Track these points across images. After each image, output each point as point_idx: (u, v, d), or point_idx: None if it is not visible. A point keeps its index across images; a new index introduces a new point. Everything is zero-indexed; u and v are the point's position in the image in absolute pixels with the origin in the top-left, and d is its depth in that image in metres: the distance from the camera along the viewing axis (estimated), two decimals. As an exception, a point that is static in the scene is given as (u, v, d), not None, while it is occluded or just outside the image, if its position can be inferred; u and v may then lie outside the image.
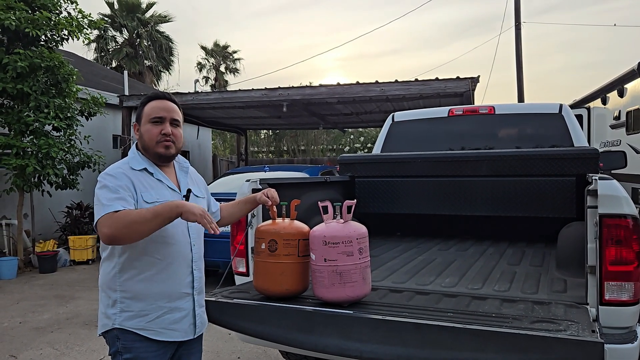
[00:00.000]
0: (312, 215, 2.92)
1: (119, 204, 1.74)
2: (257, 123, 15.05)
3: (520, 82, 14.24)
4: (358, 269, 2.10)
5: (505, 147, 4.34)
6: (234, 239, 2.91)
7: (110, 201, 1.74)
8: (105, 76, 15.27)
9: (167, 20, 24.65)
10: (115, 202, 1.74)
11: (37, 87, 7.65)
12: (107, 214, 1.71)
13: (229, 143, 26.62)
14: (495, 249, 3.54)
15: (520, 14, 14.28)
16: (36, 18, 7.51)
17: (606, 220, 2.04)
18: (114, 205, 1.73)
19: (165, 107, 1.96)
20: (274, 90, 9.58)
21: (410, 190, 4.02)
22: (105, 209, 1.72)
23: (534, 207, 3.59)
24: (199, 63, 29.77)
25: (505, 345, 1.74)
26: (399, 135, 4.91)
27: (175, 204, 1.76)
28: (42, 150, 7.54)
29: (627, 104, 8.71)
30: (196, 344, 2.05)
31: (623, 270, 2.04)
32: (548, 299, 2.29)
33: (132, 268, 1.84)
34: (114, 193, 1.77)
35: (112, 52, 23.94)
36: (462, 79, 8.51)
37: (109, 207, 1.73)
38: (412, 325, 1.88)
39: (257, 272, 2.27)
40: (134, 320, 1.84)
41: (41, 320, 5.38)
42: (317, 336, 2.05)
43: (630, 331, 2.07)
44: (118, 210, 1.72)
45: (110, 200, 1.74)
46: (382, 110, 11.00)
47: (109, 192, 1.77)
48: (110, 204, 1.73)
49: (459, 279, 2.73)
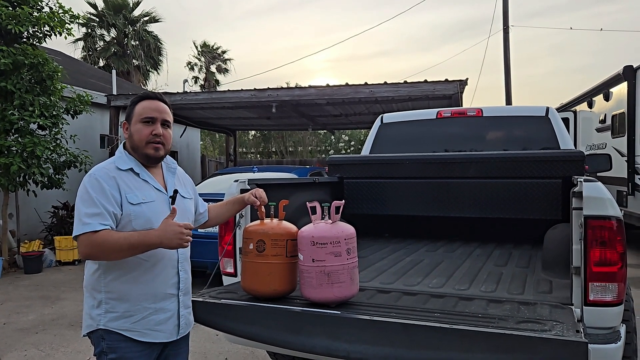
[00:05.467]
0: (301, 216, 2.92)
1: (97, 222, 1.74)
2: (246, 124, 15.02)
3: (508, 85, 14.38)
4: (346, 270, 2.11)
5: (493, 149, 4.38)
6: (222, 239, 2.90)
7: (90, 218, 1.75)
8: (93, 75, 15.13)
9: (155, 20, 24.51)
10: (94, 220, 1.74)
11: (21, 85, 7.55)
12: (85, 233, 1.73)
13: (217, 144, 26.51)
14: (483, 250, 3.57)
15: (508, 17, 14.42)
16: (18, 14, 7.41)
17: (591, 222, 2.07)
18: (92, 224, 1.74)
19: (157, 107, 1.95)
20: (263, 91, 9.56)
21: (399, 191, 4.03)
22: (85, 228, 1.74)
23: (521, 208, 3.62)
24: (189, 63, 29.68)
25: (492, 345, 1.75)
26: (387, 136, 4.94)
27: (152, 240, 1.76)
28: (27, 149, 7.44)
29: (612, 107, 8.83)
30: (183, 344, 2.04)
31: (607, 271, 2.06)
32: (534, 299, 2.31)
33: (117, 269, 1.83)
34: (93, 207, 1.76)
35: (99, 51, 23.72)
36: (450, 82, 8.57)
37: (88, 225, 1.74)
38: (399, 325, 1.88)
39: (245, 272, 2.27)
40: (119, 321, 1.83)
41: (26, 321, 5.31)
42: (305, 336, 2.05)
43: (614, 331, 2.10)
44: (97, 231, 1.73)
45: (90, 217, 1.75)
46: (371, 111, 11.04)
47: (89, 205, 1.77)
48: (89, 221, 1.74)
49: (446, 279, 2.74)
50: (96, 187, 1.80)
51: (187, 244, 1.80)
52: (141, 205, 1.84)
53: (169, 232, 1.75)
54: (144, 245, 1.76)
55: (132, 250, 1.76)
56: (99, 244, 1.73)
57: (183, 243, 1.78)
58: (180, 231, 1.75)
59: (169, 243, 1.76)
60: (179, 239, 1.75)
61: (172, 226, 1.76)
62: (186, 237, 1.77)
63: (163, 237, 1.75)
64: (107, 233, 1.74)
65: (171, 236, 1.74)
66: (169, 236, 1.75)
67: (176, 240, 1.75)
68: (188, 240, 1.79)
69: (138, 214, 1.83)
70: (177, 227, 1.76)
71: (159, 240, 1.75)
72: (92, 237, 1.73)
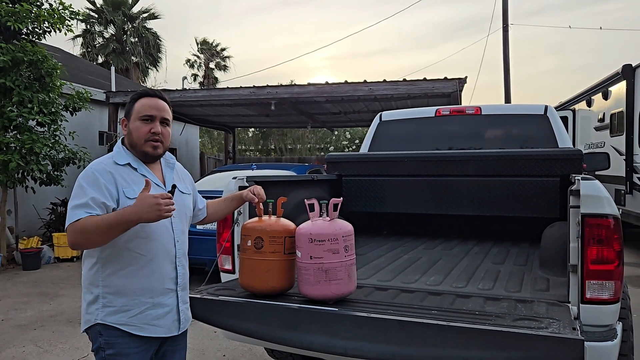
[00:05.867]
0: (299, 214, 2.92)
1: (82, 211, 1.74)
2: (245, 121, 15.00)
3: (507, 83, 14.38)
4: (344, 267, 2.11)
5: (491, 147, 4.38)
6: (220, 236, 2.90)
7: (76, 209, 1.75)
8: (91, 72, 15.10)
9: (154, 16, 24.46)
10: (79, 211, 1.74)
11: (20, 82, 7.54)
12: (70, 223, 1.74)
13: (216, 141, 26.50)
14: (480, 248, 3.58)
15: (507, 16, 14.42)
16: (17, 10, 7.39)
17: (588, 220, 2.07)
18: (77, 214, 1.73)
19: (157, 105, 1.94)
20: (262, 89, 9.55)
21: (397, 189, 4.04)
22: (70, 218, 1.74)
23: (519, 207, 3.63)
24: (188, 60, 29.64)
25: (489, 342, 1.76)
26: (386, 134, 4.94)
27: (129, 217, 1.69)
28: (25, 145, 7.44)
29: (611, 106, 8.84)
30: (181, 340, 2.05)
31: (604, 269, 2.07)
32: (531, 297, 2.32)
33: (114, 263, 1.83)
34: (82, 198, 1.76)
35: (98, 48, 23.67)
36: (449, 80, 8.56)
37: (73, 216, 1.74)
38: (396, 322, 1.89)
39: (243, 269, 2.27)
40: (116, 316, 1.83)
41: (24, 317, 5.31)
42: (303, 333, 2.05)
43: (611, 329, 2.11)
44: (81, 219, 1.72)
45: (76, 208, 1.75)
46: (370, 109, 11.03)
47: (78, 197, 1.77)
48: (74, 212, 1.74)
49: (444, 277, 2.75)
50: (90, 179, 1.80)
51: (168, 213, 1.70)
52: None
53: (144, 206, 1.67)
54: (122, 222, 1.70)
55: (111, 230, 1.70)
56: (80, 230, 1.71)
57: (163, 214, 1.69)
58: (157, 202, 1.67)
59: (148, 216, 1.68)
60: (156, 210, 1.67)
61: (147, 199, 1.68)
62: (164, 207, 1.68)
63: (139, 211, 1.68)
64: (87, 218, 1.72)
65: (147, 209, 1.67)
66: (145, 209, 1.67)
67: (154, 213, 1.67)
68: (168, 210, 1.70)
69: None
70: (152, 199, 1.67)
71: (136, 216, 1.68)
72: (74, 225, 1.72)
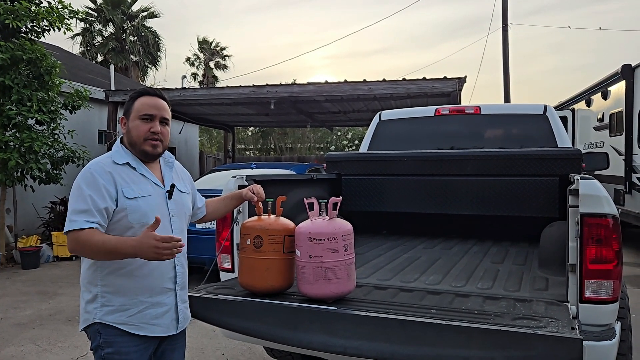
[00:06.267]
0: (299, 213, 2.92)
1: (83, 219, 1.74)
2: (244, 120, 14.99)
3: (507, 83, 14.39)
4: (343, 266, 2.11)
5: (491, 146, 4.38)
6: (220, 235, 2.90)
7: (77, 215, 1.75)
8: (91, 70, 15.09)
9: (154, 15, 24.44)
10: (81, 218, 1.74)
11: (19, 80, 7.53)
12: (72, 231, 1.74)
13: (216, 140, 26.48)
14: (480, 247, 3.58)
15: (507, 15, 14.43)
16: (16, 8, 7.38)
17: (587, 220, 2.07)
18: (78, 222, 1.74)
19: (156, 104, 1.94)
20: (261, 88, 9.54)
21: (396, 188, 4.04)
22: (71, 225, 1.75)
23: (518, 206, 3.63)
24: (188, 59, 29.63)
25: (488, 341, 1.76)
26: (385, 133, 4.94)
27: (127, 250, 1.70)
28: (24, 144, 7.43)
29: (610, 106, 8.84)
30: (180, 339, 2.05)
31: (603, 269, 2.07)
32: (530, 296, 2.32)
33: (113, 262, 1.83)
34: (82, 203, 1.76)
35: (97, 46, 23.65)
36: (449, 79, 8.57)
37: (74, 223, 1.74)
38: (396, 321, 1.89)
39: (242, 268, 2.27)
40: (115, 315, 1.83)
41: (23, 316, 5.31)
42: (302, 332, 2.05)
43: (609, 328, 2.11)
44: (83, 229, 1.73)
45: (78, 214, 1.75)
46: (370, 109, 11.03)
47: (79, 201, 1.77)
48: (76, 219, 1.75)
49: (443, 276, 2.75)
50: (90, 181, 1.80)
51: (167, 257, 1.70)
52: (137, 200, 1.84)
53: (144, 245, 1.67)
54: (120, 254, 1.73)
55: (110, 255, 1.75)
56: (82, 243, 1.73)
57: (161, 257, 1.68)
58: (156, 245, 1.65)
59: (145, 256, 1.69)
60: (154, 253, 1.66)
61: (149, 239, 1.66)
62: (164, 251, 1.66)
63: (138, 248, 1.68)
64: (90, 233, 1.72)
65: (146, 249, 1.67)
66: (144, 249, 1.67)
67: (152, 255, 1.67)
68: (167, 255, 1.68)
69: (134, 208, 1.83)
70: (153, 242, 1.65)
71: (133, 252, 1.69)
72: (76, 235, 1.74)
